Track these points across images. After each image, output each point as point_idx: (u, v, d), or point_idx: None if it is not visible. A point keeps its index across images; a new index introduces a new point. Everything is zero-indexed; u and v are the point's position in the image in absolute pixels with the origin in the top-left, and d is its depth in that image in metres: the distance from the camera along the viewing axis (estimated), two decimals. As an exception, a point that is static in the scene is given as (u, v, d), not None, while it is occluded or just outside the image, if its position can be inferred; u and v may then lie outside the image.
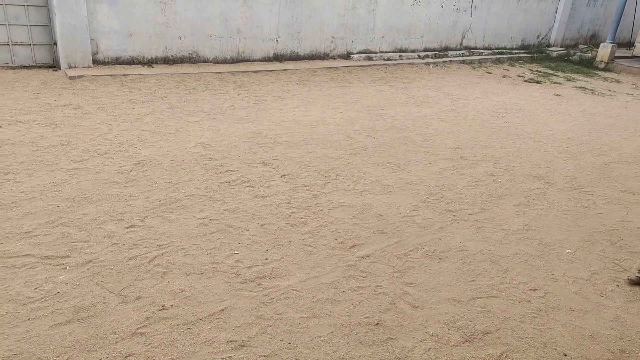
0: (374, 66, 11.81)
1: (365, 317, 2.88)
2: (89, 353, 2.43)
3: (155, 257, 3.31)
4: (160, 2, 9.16)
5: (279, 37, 10.97)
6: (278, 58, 11.12)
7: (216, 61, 10.25)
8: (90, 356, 2.41)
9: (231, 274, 3.19)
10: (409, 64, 12.65)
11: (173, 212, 3.97)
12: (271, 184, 4.67)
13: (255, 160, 5.21)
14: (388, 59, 12.66)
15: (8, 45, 8.18)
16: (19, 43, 8.27)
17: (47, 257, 3.19)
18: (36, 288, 2.88)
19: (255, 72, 9.87)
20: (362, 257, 3.52)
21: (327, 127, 6.68)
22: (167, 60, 9.61)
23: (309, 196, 4.46)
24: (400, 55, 13.02)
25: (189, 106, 7.10)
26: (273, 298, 2.97)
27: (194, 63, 9.93)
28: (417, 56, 13.26)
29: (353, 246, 3.66)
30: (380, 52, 12.88)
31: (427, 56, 13.46)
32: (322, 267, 3.36)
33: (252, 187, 4.56)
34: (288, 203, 4.29)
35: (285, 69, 10.36)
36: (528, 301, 3.20)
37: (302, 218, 4.04)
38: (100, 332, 2.58)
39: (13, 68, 8.24)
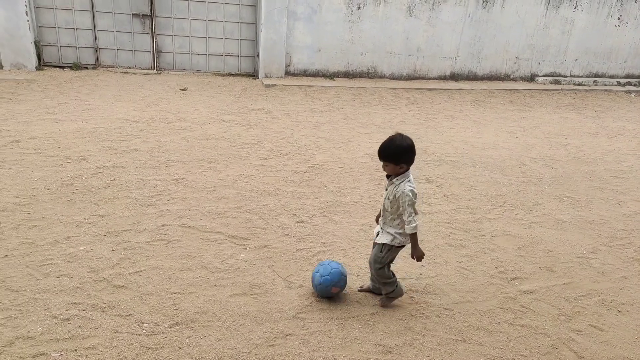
0: (561, 91, 10.81)
1: (520, 355, 2.71)
2: (257, 324, 2.79)
3: (319, 252, 3.61)
4: (349, 20, 9.82)
5: (457, 56, 10.81)
6: (454, 77, 10.95)
7: (392, 77, 10.55)
8: (258, 327, 2.77)
9: (385, 281, 3.31)
10: (605, 90, 11.26)
11: (338, 214, 4.26)
12: (433, 201, 4.66)
13: (420, 177, 5.25)
14: (579, 84, 11.46)
15: (222, 55, 9.70)
16: (230, 54, 9.73)
17: (233, 236, 3.74)
18: (222, 261, 3.40)
19: (430, 89, 9.89)
20: (524, 291, 3.31)
21: (499, 151, 6.37)
22: (347, 74, 10.25)
23: (472, 219, 4.34)
24: (594, 81, 11.67)
25: (362, 118, 7.48)
26: (424, 313, 3.00)
27: (371, 78, 10.39)
28: (616, 82, 11.74)
29: (515, 278, 3.46)
30: (571, 76, 11.73)
31: (629, 83, 11.81)
32: (477, 293, 3.26)
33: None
34: (448, 223, 4.24)
35: (461, 89, 10.16)
36: None
37: (461, 240, 3.96)
38: (268, 309, 2.93)
39: (223, 75, 9.74)
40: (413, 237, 2.81)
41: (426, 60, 10.62)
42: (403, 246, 2.92)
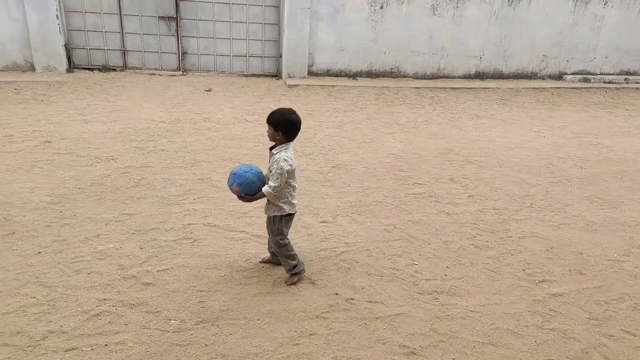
0: (590, 89, 10.55)
1: (549, 359, 2.66)
2: (281, 323, 2.81)
3: (342, 252, 3.61)
4: (373, 20, 9.78)
5: (483, 55, 10.65)
6: (479, 76, 10.79)
7: (416, 76, 10.47)
8: (282, 326, 2.78)
9: (409, 282, 3.29)
10: (637, 89, 10.94)
11: (361, 214, 4.25)
12: (458, 202, 4.61)
13: (444, 177, 5.20)
14: (609, 82, 11.15)
15: (245, 56, 9.79)
16: (253, 55, 9.82)
17: (258, 235, 3.77)
18: (247, 260, 3.43)
19: (454, 89, 9.78)
20: (552, 294, 3.24)
21: (525, 150, 6.25)
22: (370, 74, 10.22)
23: (498, 220, 4.27)
24: (626, 79, 11.35)
25: (385, 118, 7.44)
26: (449, 315, 2.97)
27: (394, 77, 10.33)
28: (649, 80, 11.37)
29: (543, 281, 3.39)
30: (601, 73, 11.43)
31: (664, 81, 11.42)
32: (504, 295, 3.21)
33: (438, 202, 4.57)
34: (474, 224, 4.18)
35: (486, 87, 10.00)
36: None
37: (487, 241, 3.90)
38: (292, 308, 2.95)
39: (246, 75, 9.82)
40: (261, 195, 2.92)
41: (450, 59, 10.49)
42: (292, 214, 3.08)
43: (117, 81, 8.57)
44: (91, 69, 9.17)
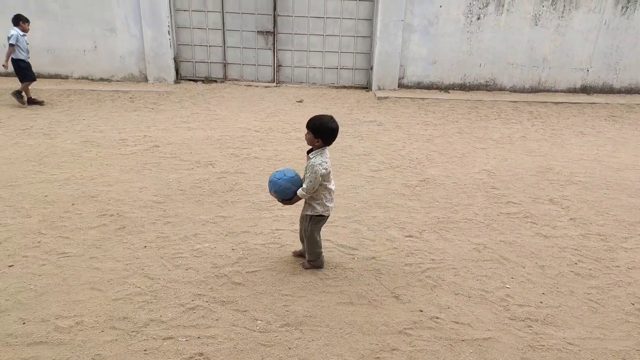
0: None
1: (661, 406, 2.37)
2: (363, 335, 2.80)
3: (428, 269, 3.52)
4: (468, 31, 9.51)
5: (590, 67, 9.88)
6: (586, 90, 10.02)
7: (513, 90, 9.98)
8: (364, 338, 2.78)
9: (500, 306, 3.12)
10: None
11: (449, 231, 4.12)
12: (557, 224, 4.29)
13: (542, 197, 4.88)
14: None
15: (337, 69, 9.98)
16: (345, 67, 9.98)
17: (342, 245, 3.81)
18: (331, 268, 3.48)
19: (556, 103, 9.16)
20: (667, 334, 2.89)
21: (639, 172, 5.66)
22: (463, 87, 9.91)
23: (604, 247, 3.91)
24: None
25: (478, 132, 7.16)
26: (544, 345, 2.76)
27: (489, 91, 9.93)
28: None
29: (656, 318, 3.04)
30: None
31: None
32: (609, 330, 2.92)
33: (534, 223, 4.30)
34: (575, 249, 3.86)
35: (593, 102, 9.25)
36: None
37: (590, 270, 3.58)
38: (374, 320, 2.93)
39: (337, 87, 10.01)
40: (297, 197, 3.17)
41: (552, 71, 9.86)
42: (323, 216, 3.26)
43: (217, 92, 9.17)
44: (195, 81, 9.91)
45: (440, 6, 9.30)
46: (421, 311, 3.03)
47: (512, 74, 9.85)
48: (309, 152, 3.19)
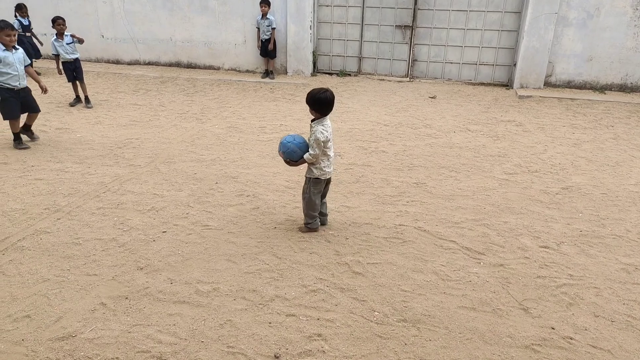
0: None
1: None
2: (484, 343, 2.67)
3: (564, 284, 3.22)
4: (635, 25, 8.35)
5: None
6: None
7: (690, 92, 8.50)
8: (485, 347, 2.65)
9: (651, 338, 2.72)
10: None
11: (593, 247, 3.70)
12: None
13: None
14: None
15: (476, 64, 9.50)
16: (484, 63, 9.45)
17: (467, 248, 3.65)
18: (454, 270, 3.36)
19: None
20: None
21: None
22: (623, 88, 8.75)
23: None
24: None
25: (638, 140, 6.28)
26: None
27: (657, 92, 8.60)
28: None
29: None
30: None
31: None
32: None
33: None
34: None
35: None
36: None
37: None
38: (497, 330, 2.77)
39: (473, 84, 9.53)
40: (302, 160, 3.52)
41: None
42: (320, 179, 3.60)
43: (350, 85, 9.36)
44: (330, 74, 10.24)
45: (603, -4, 8.27)
46: (553, 329, 2.78)
47: (691, 74, 8.38)
48: (312, 121, 3.52)
